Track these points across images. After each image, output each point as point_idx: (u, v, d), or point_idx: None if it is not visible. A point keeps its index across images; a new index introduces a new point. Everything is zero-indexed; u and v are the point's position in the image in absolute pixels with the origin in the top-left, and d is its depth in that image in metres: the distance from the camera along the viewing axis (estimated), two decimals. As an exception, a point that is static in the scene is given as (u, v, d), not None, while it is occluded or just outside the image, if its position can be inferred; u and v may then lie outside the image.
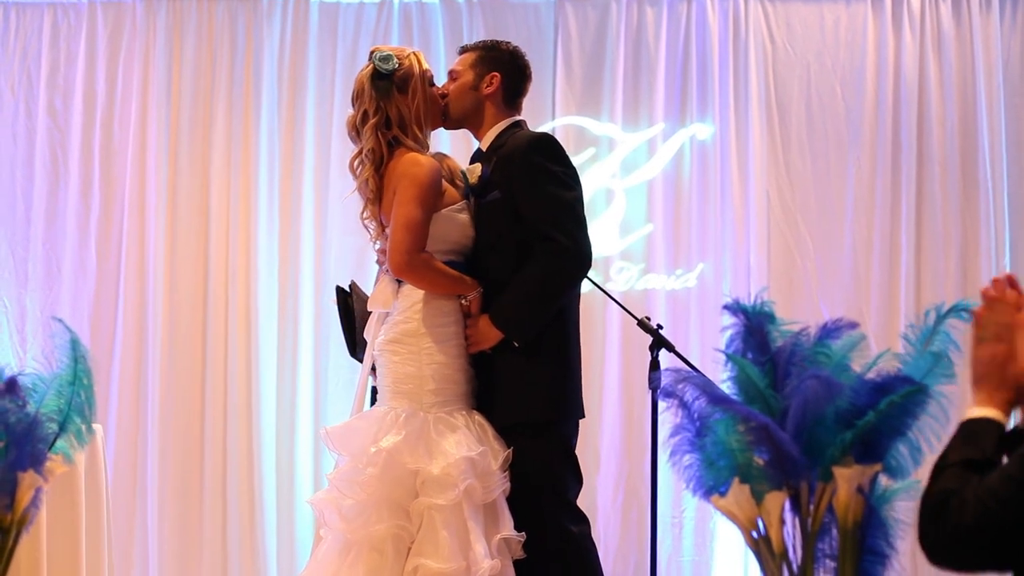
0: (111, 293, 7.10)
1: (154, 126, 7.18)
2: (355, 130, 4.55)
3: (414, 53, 4.58)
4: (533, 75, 4.80)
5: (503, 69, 4.68)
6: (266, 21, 7.24)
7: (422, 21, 7.26)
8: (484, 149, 4.65)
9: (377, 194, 4.49)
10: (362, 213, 4.58)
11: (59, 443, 3.02)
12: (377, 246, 4.64)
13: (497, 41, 4.78)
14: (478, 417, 4.44)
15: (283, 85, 7.21)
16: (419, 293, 4.48)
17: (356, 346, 5.02)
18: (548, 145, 4.56)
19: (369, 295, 5.10)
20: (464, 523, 4.23)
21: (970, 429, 2.51)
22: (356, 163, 4.54)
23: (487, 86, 4.65)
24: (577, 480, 4.51)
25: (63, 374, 3.07)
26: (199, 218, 7.16)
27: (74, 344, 3.11)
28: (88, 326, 7.02)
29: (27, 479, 2.92)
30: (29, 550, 4.19)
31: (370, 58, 4.55)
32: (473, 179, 4.58)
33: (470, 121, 4.69)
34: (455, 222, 4.50)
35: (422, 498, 4.26)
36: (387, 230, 4.48)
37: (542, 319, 4.44)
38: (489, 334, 4.44)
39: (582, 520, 4.46)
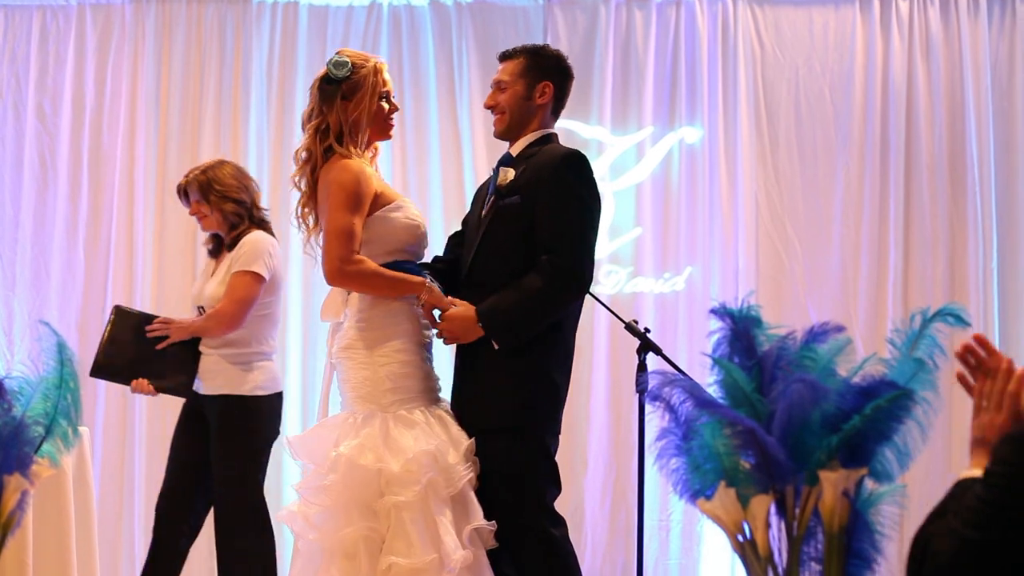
0: (99, 296, 7.09)
1: (143, 129, 7.18)
2: (304, 124, 4.64)
3: (375, 65, 4.59)
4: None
5: (554, 77, 4.62)
6: (255, 24, 7.24)
7: (411, 24, 7.26)
8: (514, 155, 4.58)
9: (312, 194, 4.57)
10: (299, 207, 4.63)
11: (45, 446, 3.02)
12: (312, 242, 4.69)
13: (539, 47, 4.71)
14: (439, 410, 4.47)
15: (272, 88, 7.21)
16: (367, 298, 4.52)
17: (100, 367, 5.32)
18: (580, 163, 4.51)
19: (141, 314, 5.45)
20: (432, 517, 4.26)
21: (960, 487, 2.53)
22: (297, 155, 4.63)
23: (540, 96, 4.59)
24: (556, 485, 4.51)
25: (50, 377, 3.07)
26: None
27: (61, 347, 3.10)
28: (76, 329, 7.01)
29: (13, 482, 2.92)
30: (15, 553, 4.19)
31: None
32: (505, 181, 4.53)
33: (520, 133, 4.61)
34: (393, 223, 4.52)
35: (387, 496, 4.28)
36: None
37: (530, 331, 4.42)
38: (469, 329, 4.41)
39: (561, 523, 4.46)
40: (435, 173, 7.19)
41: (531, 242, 4.43)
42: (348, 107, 4.54)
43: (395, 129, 7.03)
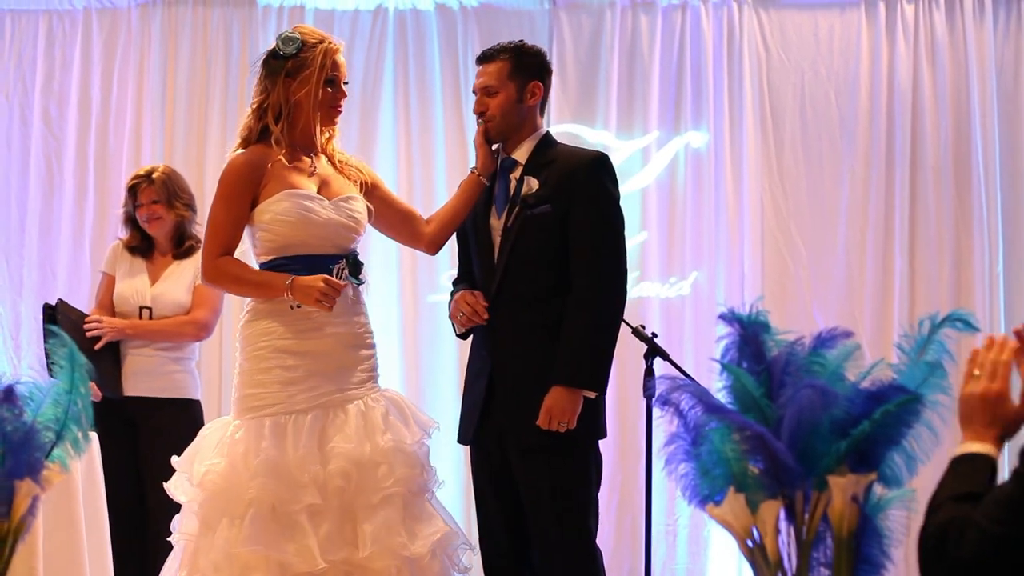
0: (106, 300, 7.09)
1: (149, 133, 7.19)
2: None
3: (327, 47, 4.34)
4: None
5: (542, 76, 4.54)
6: (261, 28, 7.24)
7: (417, 28, 7.27)
8: (521, 161, 4.50)
9: None
10: None
11: (56, 451, 3.02)
12: None
13: (519, 45, 4.58)
14: (292, 422, 4.20)
15: (278, 92, 7.21)
16: (243, 300, 4.43)
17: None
18: (609, 166, 4.48)
19: (79, 313, 5.34)
20: (196, 533, 4.20)
21: (961, 465, 2.52)
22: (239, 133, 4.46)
23: (531, 97, 4.50)
24: (599, 486, 4.51)
25: (60, 382, 3.07)
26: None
27: (71, 353, 3.10)
28: (83, 333, 7.01)
29: (24, 488, 2.92)
30: (26, 558, 4.18)
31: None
32: (530, 190, 4.43)
33: (514, 135, 4.53)
34: (273, 216, 4.26)
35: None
36: None
37: (610, 358, 4.43)
38: (571, 403, 4.31)
39: (596, 529, 4.48)
40: (440, 176, 7.20)
41: (564, 249, 4.37)
42: (292, 86, 4.29)
43: (401, 132, 7.17)
